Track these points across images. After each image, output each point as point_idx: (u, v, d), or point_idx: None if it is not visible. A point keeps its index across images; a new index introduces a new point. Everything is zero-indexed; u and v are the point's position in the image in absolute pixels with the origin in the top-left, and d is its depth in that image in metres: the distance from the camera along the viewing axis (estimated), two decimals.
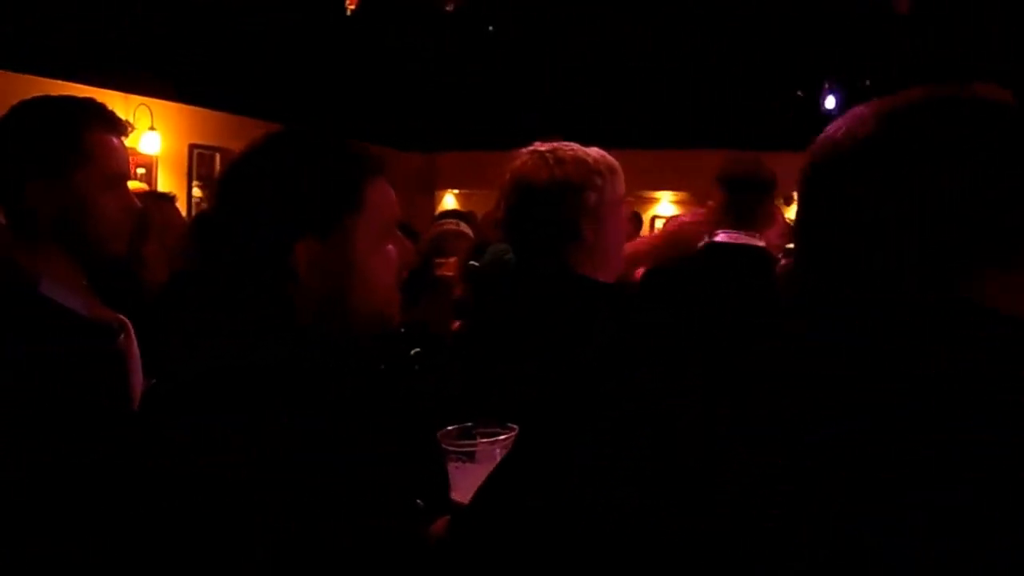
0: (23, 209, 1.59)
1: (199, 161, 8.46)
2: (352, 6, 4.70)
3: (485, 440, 1.28)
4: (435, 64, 6.81)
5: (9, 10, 5.07)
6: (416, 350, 2.47)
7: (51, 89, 3.29)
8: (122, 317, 1.71)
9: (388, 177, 1.27)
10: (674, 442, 0.59)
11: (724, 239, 2.66)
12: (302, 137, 1.27)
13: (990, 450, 0.50)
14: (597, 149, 1.77)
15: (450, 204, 11.18)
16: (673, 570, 0.55)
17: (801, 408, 0.55)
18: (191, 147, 8.41)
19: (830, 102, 7.05)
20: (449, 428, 1.32)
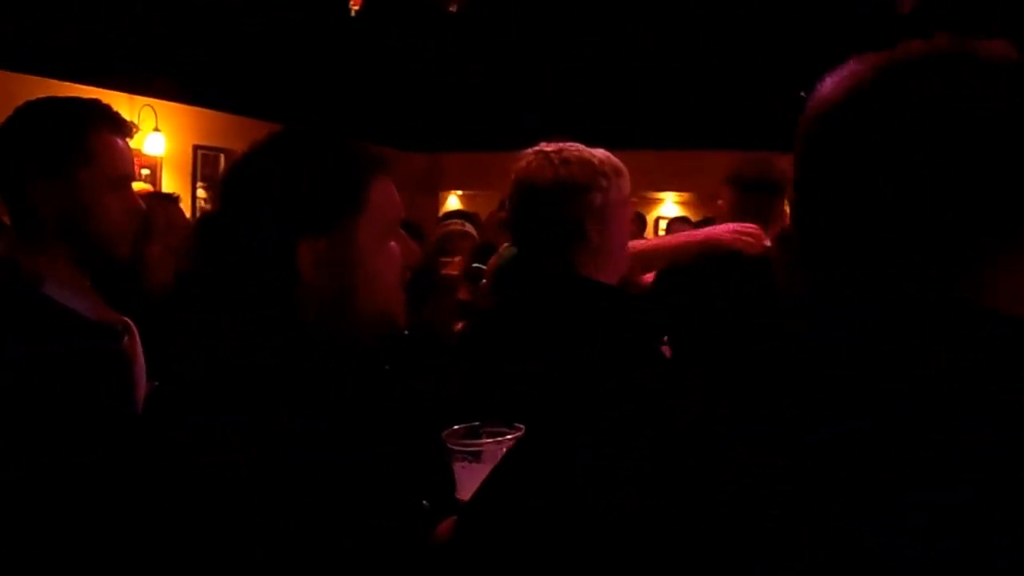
0: (27, 209, 1.59)
1: (203, 162, 8.46)
2: (356, 6, 4.70)
3: (491, 440, 1.28)
4: (440, 65, 6.82)
5: (14, 11, 5.08)
6: (418, 352, 2.47)
7: (56, 90, 3.30)
8: (126, 319, 1.71)
9: (392, 177, 1.27)
10: (674, 442, 0.59)
11: None
12: (304, 137, 1.27)
13: (990, 450, 0.50)
14: (602, 150, 1.77)
15: (454, 205, 11.17)
16: (673, 570, 0.55)
17: (801, 408, 0.55)
18: (195, 148, 8.41)
19: None
20: (455, 428, 1.32)
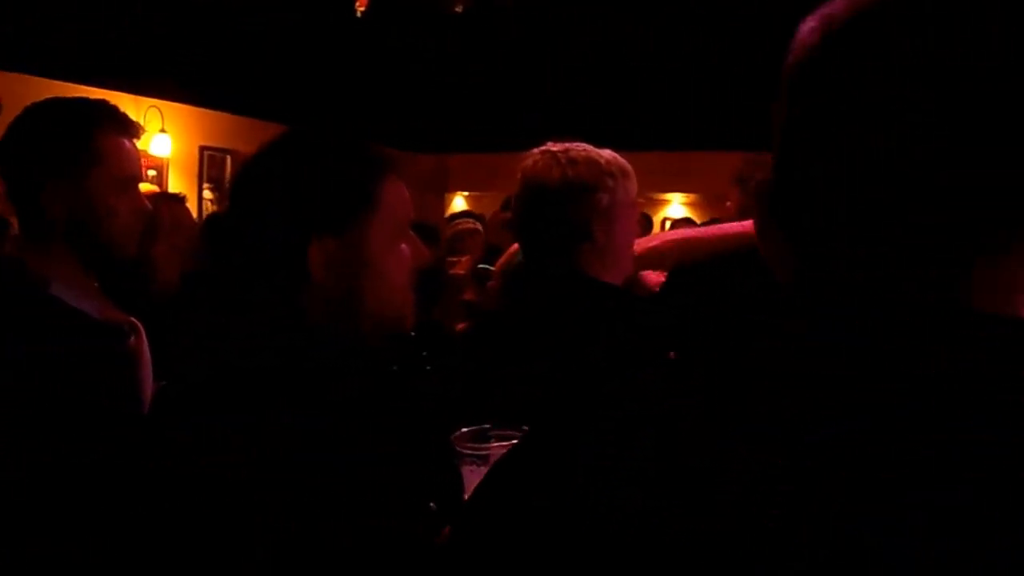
0: (35, 210, 1.60)
1: (210, 163, 8.48)
2: (362, 7, 4.70)
3: (499, 443, 1.28)
4: (446, 65, 6.82)
5: (19, 12, 5.09)
6: (425, 352, 2.48)
7: (62, 91, 3.30)
8: (133, 319, 1.72)
9: (401, 178, 1.28)
10: (675, 442, 0.60)
11: None
12: (314, 137, 1.27)
13: (990, 450, 0.50)
14: (609, 151, 1.77)
15: (460, 207, 11.17)
16: (674, 570, 0.55)
17: (801, 408, 0.55)
18: (202, 149, 8.42)
19: None
20: (464, 430, 1.32)
